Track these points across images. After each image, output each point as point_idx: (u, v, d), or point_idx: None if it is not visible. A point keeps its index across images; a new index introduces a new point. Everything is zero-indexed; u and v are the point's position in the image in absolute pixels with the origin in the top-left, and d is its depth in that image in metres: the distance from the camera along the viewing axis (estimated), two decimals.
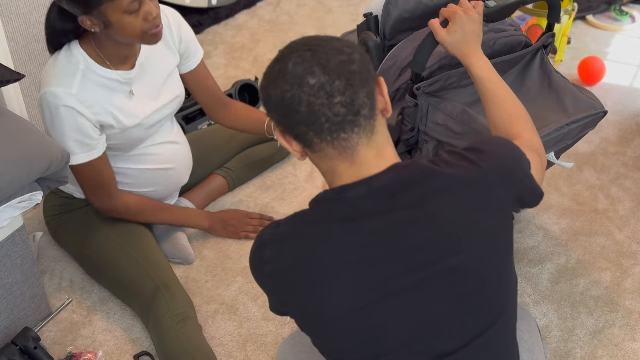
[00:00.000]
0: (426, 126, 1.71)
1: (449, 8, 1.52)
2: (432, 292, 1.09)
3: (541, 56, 1.82)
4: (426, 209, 1.09)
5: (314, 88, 1.06)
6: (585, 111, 1.71)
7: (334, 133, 1.08)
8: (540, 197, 1.23)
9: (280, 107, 1.09)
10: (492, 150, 1.16)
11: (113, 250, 1.91)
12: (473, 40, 1.50)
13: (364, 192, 1.10)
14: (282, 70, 1.08)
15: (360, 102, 1.08)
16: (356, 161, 1.11)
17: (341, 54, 1.08)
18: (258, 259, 1.15)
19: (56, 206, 2.02)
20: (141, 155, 1.95)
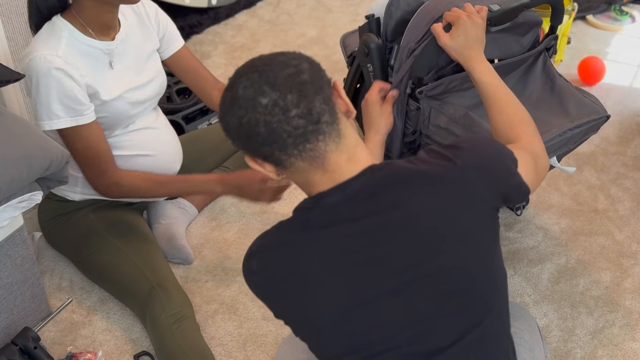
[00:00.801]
0: (428, 129, 1.71)
1: (453, 12, 1.52)
2: (417, 293, 1.09)
3: (544, 59, 1.82)
4: (403, 211, 1.09)
5: (268, 107, 1.06)
6: (588, 116, 1.70)
7: (299, 146, 1.08)
8: (526, 195, 1.22)
9: (241, 133, 1.09)
10: (470, 147, 1.16)
11: (109, 253, 1.91)
12: (476, 45, 1.49)
13: (339, 198, 1.10)
14: (234, 96, 1.08)
15: (318, 110, 1.08)
16: (328, 168, 1.11)
17: (288, 67, 1.08)
18: (247, 270, 1.17)
19: (50, 210, 2.01)
20: (123, 142, 1.91)
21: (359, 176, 1.11)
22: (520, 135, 1.36)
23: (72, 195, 1.98)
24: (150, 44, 1.93)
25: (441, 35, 1.52)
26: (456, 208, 1.11)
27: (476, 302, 1.13)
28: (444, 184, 1.11)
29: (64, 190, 1.97)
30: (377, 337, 1.11)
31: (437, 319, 1.11)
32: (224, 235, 2.18)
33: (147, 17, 1.91)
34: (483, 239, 1.14)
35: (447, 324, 1.12)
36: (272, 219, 2.23)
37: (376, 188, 1.10)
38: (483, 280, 1.14)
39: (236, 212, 2.26)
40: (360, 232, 1.09)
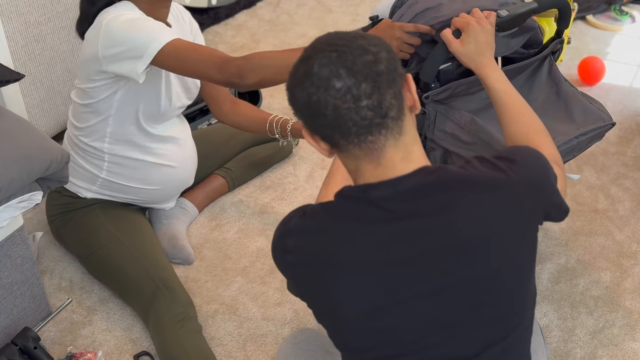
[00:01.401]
0: (433, 134, 1.70)
1: (462, 18, 1.51)
2: (448, 300, 1.09)
3: (549, 63, 1.81)
4: (450, 217, 1.08)
5: (341, 92, 1.04)
6: (594, 123, 1.69)
7: (361, 136, 1.07)
8: (566, 214, 1.21)
9: (306, 110, 1.08)
10: (523, 161, 1.15)
11: (116, 249, 1.91)
12: (487, 51, 1.48)
13: (388, 194, 1.09)
14: (308, 71, 1.06)
15: (387, 104, 1.06)
16: (382, 163, 1.09)
17: (367, 53, 1.06)
18: (281, 248, 1.15)
19: (60, 205, 2.02)
20: (152, 148, 1.95)
21: (411, 175, 1.09)
22: (540, 146, 1.33)
23: (84, 193, 1.99)
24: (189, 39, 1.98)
25: (452, 42, 1.51)
26: (502, 221, 1.10)
27: (506, 316, 1.13)
28: (495, 195, 1.10)
29: (77, 187, 1.98)
30: (401, 339, 1.10)
31: (464, 328, 1.10)
32: (224, 235, 2.18)
33: (183, 20, 1.97)
34: (523, 254, 1.13)
35: (474, 334, 1.11)
36: (272, 219, 2.23)
37: (426, 190, 1.09)
38: (516, 295, 1.13)
39: (236, 212, 2.26)
40: (404, 231, 1.08)
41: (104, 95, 1.82)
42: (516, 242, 1.11)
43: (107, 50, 1.70)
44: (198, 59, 1.65)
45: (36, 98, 2.31)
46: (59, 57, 2.35)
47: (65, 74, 2.39)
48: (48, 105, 2.37)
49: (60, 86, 2.39)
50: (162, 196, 2.06)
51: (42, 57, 2.30)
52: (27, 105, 2.29)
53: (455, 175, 1.11)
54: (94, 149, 1.93)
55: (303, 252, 1.12)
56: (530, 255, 1.16)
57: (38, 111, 2.34)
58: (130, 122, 1.89)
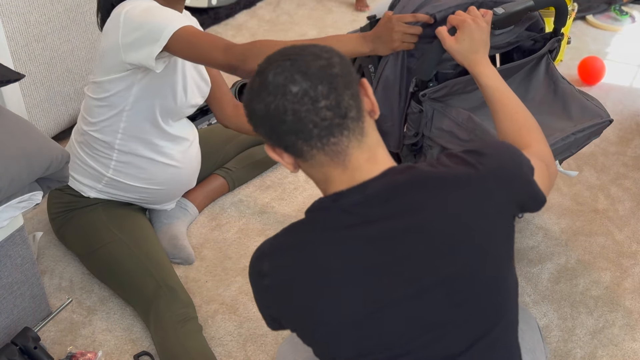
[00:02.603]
0: (431, 132, 1.71)
1: (458, 16, 1.51)
2: (431, 300, 1.09)
3: (547, 62, 1.81)
4: (420, 215, 1.08)
5: (298, 95, 1.05)
6: (591, 120, 1.69)
7: (323, 138, 1.07)
8: (542, 204, 1.21)
9: (266, 120, 1.08)
10: (493, 154, 1.15)
11: (117, 249, 1.92)
12: (481, 49, 1.49)
13: (358, 199, 1.09)
14: (263, 82, 1.08)
15: (346, 105, 1.07)
16: (349, 166, 1.10)
17: (320, 59, 1.08)
18: (257, 272, 1.14)
19: (62, 203, 2.02)
20: (161, 146, 1.95)
21: (379, 178, 1.10)
22: (530, 142, 1.34)
23: (88, 192, 1.99)
24: None
25: (446, 39, 1.51)
26: (474, 215, 1.10)
27: (488, 310, 1.13)
28: (464, 190, 1.10)
29: (81, 185, 1.99)
30: (389, 343, 1.10)
31: (450, 326, 1.10)
32: (224, 235, 2.18)
33: (190, 20, 1.96)
34: (499, 247, 1.13)
35: (460, 331, 1.11)
36: (272, 219, 2.23)
37: (395, 191, 1.09)
38: (496, 288, 1.13)
39: (236, 212, 2.26)
40: (378, 235, 1.08)
41: (120, 88, 1.82)
42: (490, 235, 1.12)
43: (126, 37, 1.72)
44: (206, 43, 1.67)
45: (36, 98, 2.31)
46: (59, 57, 2.35)
47: (65, 74, 2.39)
48: (48, 105, 2.37)
49: (60, 86, 2.39)
50: (165, 197, 2.06)
51: (42, 57, 2.30)
52: (27, 105, 2.29)
53: (424, 174, 1.11)
54: (103, 145, 1.92)
55: (280, 272, 1.12)
56: (507, 247, 1.16)
57: (38, 111, 2.34)
58: (145, 117, 1.89)
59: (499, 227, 1.13)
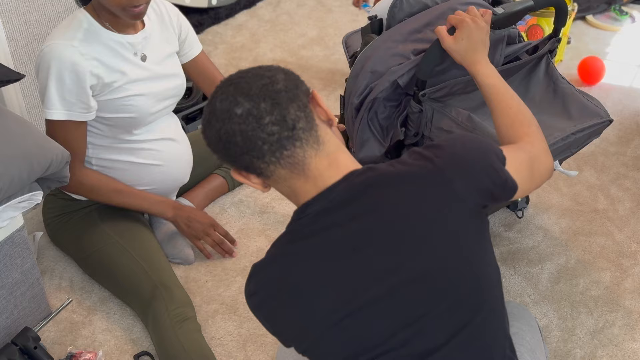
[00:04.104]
0: (431, 132, 1.71)
1: (457, 15, 1.51)
2: (403, 296, 1.10)
3: (547, 61, 1.81)
4: (380, 214, 1.10)
5: (242, 116, 1.08)
6: (591, 119, 1.69)
7: (276, 152, 1.10)
8: (513, 191, 1.20)
9: (220, 146, 1.12)
10: (451, 145, 1.16)
11: (113, 251, 1.91)
12: (480, 49, 1.49)
13: (323, 206, 1.11)
14: (212, 110, 1.12)
15: (292, 117, 1.09)
16: (309, 175, 1.12)
17: (262, 78, 1.11)
18: (247, 293, 1.17)
19: (56, 208, 2.02)
20: (139, 150, 1.94)
21: (340, 182, 1.12)
22: (521, 136, 1.35)
23: (79, 196, 1.99)
24: (170, 46, 1.96)
25: (445, 38, 1.51)
26: (434, 208, 1.11)
27: (463, 301, 1.13)
28: (422, 185, 1.11)
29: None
30: (370, 343, 1.11)
31: (426, 320, 1.11)
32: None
33: (170, 20, 1.95)
34: (465, 238, 1.13)
35: (437, 324, 1.11)
36: (272, 219, 2.23)
37: (356, 193, 1.11)
38: (468, 279, 1.13)
39: (236, 212, 2.26)
40: (343, 238, 1.10)
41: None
42: (454, 226, 1.12)
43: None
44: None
45: (36, 98, 2.31)
46: None
47: None
48: None
49: None
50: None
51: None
52: (27, 105, 2.29)
53: (381, 174, 1.12)
54: None
55: (263, 288, 1.15)
56: (477, 236, 1.15)
57: (38, 111, 2.34)
58: (106, 134, 1.90)
59: (463, 217, 1.13)
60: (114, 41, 1.80)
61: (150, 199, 1.99)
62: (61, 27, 1.77)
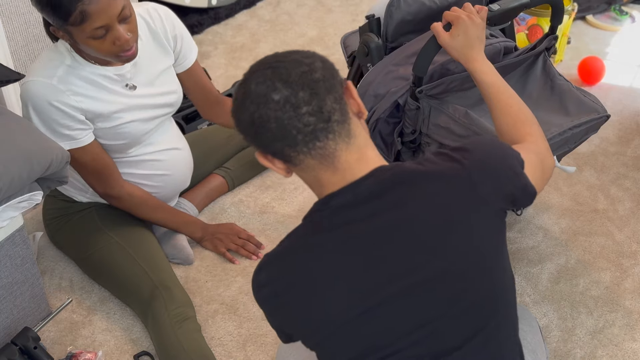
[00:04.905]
0: (428, 128, 1.71)
1: (453, 12, 1.51)
2: (420, 297, 1.09)
3: (544, 59, 1.82)
4: (405, 211, 1.09)
5: (280, 103, 1.07)
6: (588, 115, 1.70)
7: (309, 143, 1.09)
8: (532, 196, 1.21)
9: (251, 129, 1.10)
10: (478, 149, 1.16)
11: (112, 251, 1.91)
12: (476, 45, 1.49)
13: (348, 199, 1.11)
14: (246, 92, 1.10)
15: (328, 109, 1.08)
16: (339, 167, 1.11)
17: (301, 65, 1.09)
18: (257, 284, 1.16)
19: (56, 209, 2.02)
20: (139, 162, 1.94)
21: (368, 177, 1.11)
22: (525, 136, 1.35)
23: (80, 198, 2.00)
24: (165, 60, 1.90)
25: (441, 34, 1.52)
26: (460, 210, 1.11)
27: (480, 305, 1.13)
28: (449, 185, 1.11)
29: (72, 192, 1.99)
30: (383, 341, 1.10)
31: (441, 322, 1.10)
32: None
33: (165, 34, 1.87)
34: (487, 242, 1.13)
35: (452, 327, 1.11)
36: (272, 219, 2.23)
37: (383, 189, 1.10)
38: (486, 283, 1.13)
39: (236, 212, 2.26)
40: (366, 233, 1.09)
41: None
42: (477, 229, 1.12)
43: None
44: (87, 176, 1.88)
45: None
46: None
47: None
48: None
49: None
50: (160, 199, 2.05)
51: None
52: None
53: (409, 171, 1.12)
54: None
55: (276, 280, 1.13)
56: (496, 241, 1.16)
57: None
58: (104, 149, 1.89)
59: (486, 221, 1.13)
60: (99, 75, 1.76)
61: (184, 219, 2.06)
62: (42, 61, 1.72)
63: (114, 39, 1.62)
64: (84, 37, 1.61)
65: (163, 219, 2.02)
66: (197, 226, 2.08)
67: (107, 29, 1.61)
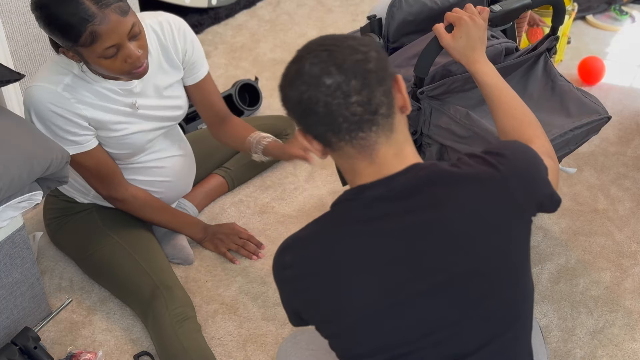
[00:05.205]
0: (429, 129, 1.71)
1: (455, 13, 1.51)
2: (446, 297, 1.09)
3: (545, 59, 1.82)
4: (441, 212, 1.09)
5: (331, 88, 1.06)
6: (589, 116, 1.70)
7: (352, 132, 1.08)
8: (558, 204, 1.22)
9: (298, 108, 1.10)
10: (513, 155, 1.16)
11: (113, 251, 1.91)
12: (478, 46, 1.49)
13: (382, 193, 1.10)
14: (299, 70, 1.09)
15: (377, 101, 1.08)
16: (375, 160, 1.11)
17: (357, 52, 1.08)
18: (280, 264, 1.16)
19: (57, 209, 2.02)
20: (142, 169, 1.95)
21: (404, 172, 1.11)
22: (532, 138, 1.35)
23: (81, 199, 2.00)
24: (173, 75, 1.88)
25: (443, 36, 1.51)
26: (494, 215, 1.10)
27: (503, 310, 1.13)
28: (484, 190, 1.11)
29: (74, 193, 1.99)
30: (405, 339, 1.10)
31: (465, 324, 1.10)
32: None
33: (175, 49, 1.85)
34: (517, 248, 1.14)
35: (474, 330, 1.11)
36: (272, 219, 2.23)
37: (418, 186, 1.10)
38: (514, 288, 1.13)
39: (236, 212, 2.26)
40: (398, 230, 1.09)
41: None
42: (509, 234, 1.12)
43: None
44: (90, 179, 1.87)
45: None
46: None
47: None
48: None
49: None
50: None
51: (42, 57, 2.30)
52: None
53: (446, 172, 1.12)
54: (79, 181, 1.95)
55: (301, 263, 1.13)
56: (525, 247, 1.16)
57: None
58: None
59: (517, 228, 1.14)
60: (106, 89, 1.75)
61: (185, 220, 2.06)
62: (49, 68, 1.71)
63: (125, 57, 1.62)
64: (95, 57, 1.60)
65: (165, 221, 2.02)
66: (199, 227, 2.08)
67: (118, 47, 1.60)
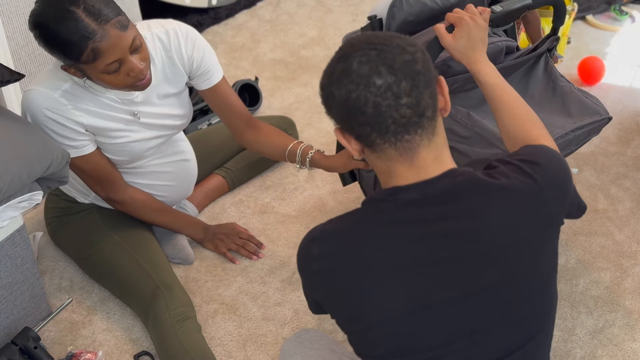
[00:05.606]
0: None
1: (456, 13, 1.51)
2: (477, 306, 1.09)
3: (545, 60, 1.82)
4: (476, 221, 1.08)
5: (381, 89, 1.04)
6: (590, 117, 1.70)
7: (398, 135, 1.07)
8: (584, 211, 1.22)
9: (344, 108, 1.07)
10: (548, 164, 1.15)
11: (113, 251, 1.91)
12: (479, 47, 1.49)
13: (417, 197, 1.09)
14: (347, 69, 1.06)
15: (424, 104, 1.07)
16: (415, 163, 1.09)
17: (405, 53, 1.06)
18: (306, 255, 1.14)
19: (59, 208, 2.02)
20: (145, 173, 1.95)
21: (440, 178, 1.10)
22: (538, 138, 1.33)
23: (82, 199, 2.00)
24: (177, 84, 1.85)
25: (444, 36, 1.51)
26: (528, 227, 1.10)
27: (530, 321, 1.13)
28: (521, 201, 1.10)
29: (75, 193, 1.99)
30: (426, 344, 1.10)
31: (488, 334, 1.10)
32: None
33: (181, 59, 1.81)
34: (548, 260, 1.14)
35: (497, 340, 1.11)
36: (272, 219, 2.23)
37: (454, 193, 1.09)
38: (541, 301, 1.13)
39: (236, 212, 2.26)
40: (431, 235, 1.08)
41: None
42: (541, 246, 1.12)
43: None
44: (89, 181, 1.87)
45: None
46: None
47: None
48: None
49: None
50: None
51: (42, 57, 2.30)
52: None
53: (483, 181, 1.10)
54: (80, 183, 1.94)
55: (329, 257, 1.11)
56: (554, 257, 1.16)
57: None
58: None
59: (549, 239, 1.13)
60: (107, 98, 1.74)
61: (185, 220, 2.06)
62: (49, 73, 1.70)
63: (128, 71, 1.61)
64: (97, 73, 1.60)
65: (165, 222, 2.02)
66: (199, 227, 2.08)
67: (121, 62, 1.59)
